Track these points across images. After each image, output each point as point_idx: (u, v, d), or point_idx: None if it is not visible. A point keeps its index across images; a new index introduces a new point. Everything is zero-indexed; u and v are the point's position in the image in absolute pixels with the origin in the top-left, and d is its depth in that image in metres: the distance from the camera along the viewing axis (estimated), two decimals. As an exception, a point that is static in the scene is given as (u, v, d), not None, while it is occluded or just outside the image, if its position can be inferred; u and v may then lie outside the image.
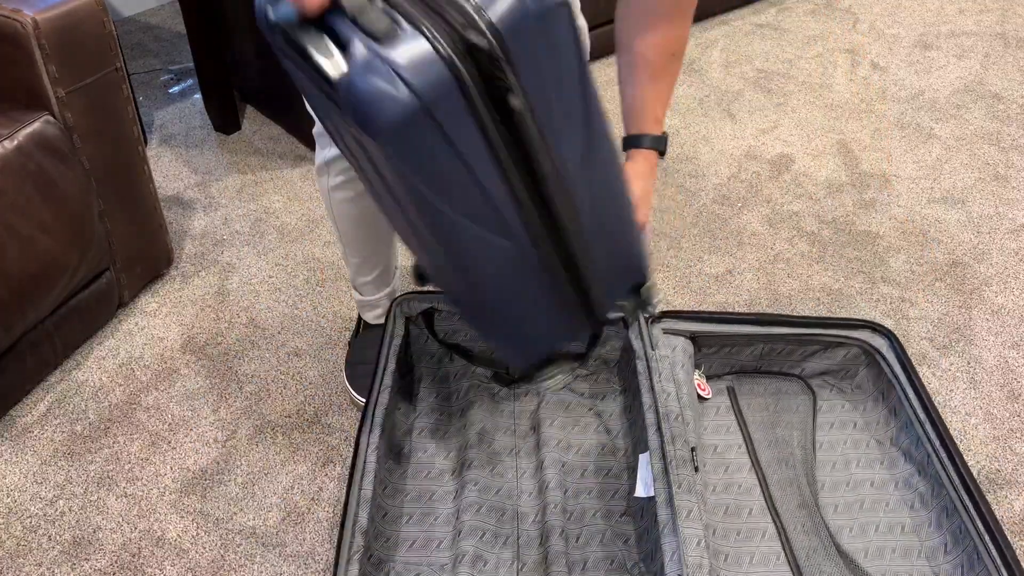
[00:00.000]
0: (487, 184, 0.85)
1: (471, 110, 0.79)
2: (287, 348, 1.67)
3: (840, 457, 1.41)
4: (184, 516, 1.38)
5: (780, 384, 1.52)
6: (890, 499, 1.34)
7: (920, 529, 1.29)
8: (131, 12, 2.95)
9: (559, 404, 1.49)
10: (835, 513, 1.33)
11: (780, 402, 1.49)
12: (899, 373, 1.40)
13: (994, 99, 2.42)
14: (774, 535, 1.30)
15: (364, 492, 1.21)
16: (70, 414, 1.55)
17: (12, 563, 1.32)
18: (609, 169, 0.95)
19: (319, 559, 1.32)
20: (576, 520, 1.31)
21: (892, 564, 1.26)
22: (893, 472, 1.37)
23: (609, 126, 0.93)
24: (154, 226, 1.75)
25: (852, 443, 1.43)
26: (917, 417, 1.34)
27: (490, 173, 0.85)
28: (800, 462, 1.39)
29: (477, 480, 1.35)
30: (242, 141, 2.27)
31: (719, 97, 2.44)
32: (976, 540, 1.19)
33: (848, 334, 1.45)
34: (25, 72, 1.45)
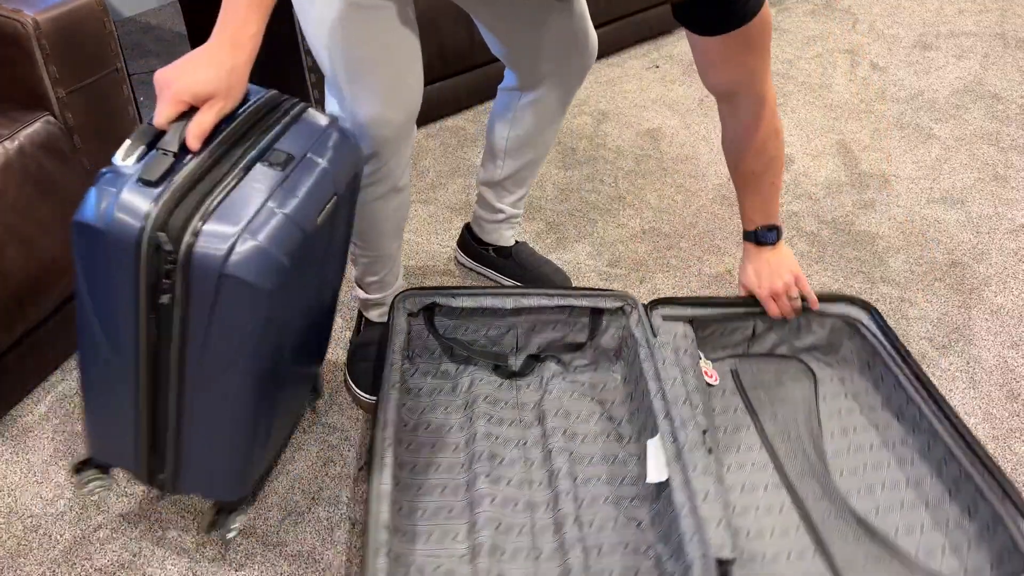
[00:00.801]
0: (120, 312, 1.04)
1: (134, 267, 0.98)
2: (287, 348, 1.67)
3: (837, 426, 1.45)
4: (184, 516, 1.38)
5: (779, 365, 1.55)
6: (890, 459, 1.39)
7: (922, 482, 1.34)
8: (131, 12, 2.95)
9: (562, 394, 1.50)
10: (841, 478, 1.37)
11: (781, 381, 1.53)
12: (882, 340, 1.46)
13: (993, 99, 2.42)
14: (791, 507, 1.33)
15: (384, 488, 1.22)
16: (71, 414, 1.55)
17: (12, 563, 1.32)
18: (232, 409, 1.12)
19: (319, 559, 1.32)
20: (588, 507, 1.32)
21: (903, 518, 1.31)
22: (888, 434, 1.42)
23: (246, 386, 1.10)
24: (154, 226, 1.75)
25: (846, 411, 1.47)
26: (902, 379, 1.40)
27: (127, 312, 1.03)
28: (806, 436, 1.43)
29: (488, 472, 1.35)
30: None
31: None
32: (978, 480, 1.24)
33: (829, 308, 1.50)
34: (25, 72, 1.45)
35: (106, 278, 1.01)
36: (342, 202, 1.13)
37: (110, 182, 0.98)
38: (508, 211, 1.71)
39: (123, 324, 1.05)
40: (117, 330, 1.06)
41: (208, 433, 1.14)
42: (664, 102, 2.42)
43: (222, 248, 0.95)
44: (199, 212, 0.96)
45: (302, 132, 1.10)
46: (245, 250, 0.95)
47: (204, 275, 0.96)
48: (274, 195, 1.00)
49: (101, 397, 1.16)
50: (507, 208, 1.71)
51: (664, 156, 2.21)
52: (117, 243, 0.97)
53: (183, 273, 0.97)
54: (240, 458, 1.19)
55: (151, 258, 0.97)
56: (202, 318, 1.01)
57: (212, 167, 1.00)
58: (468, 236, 1.82)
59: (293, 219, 1.00)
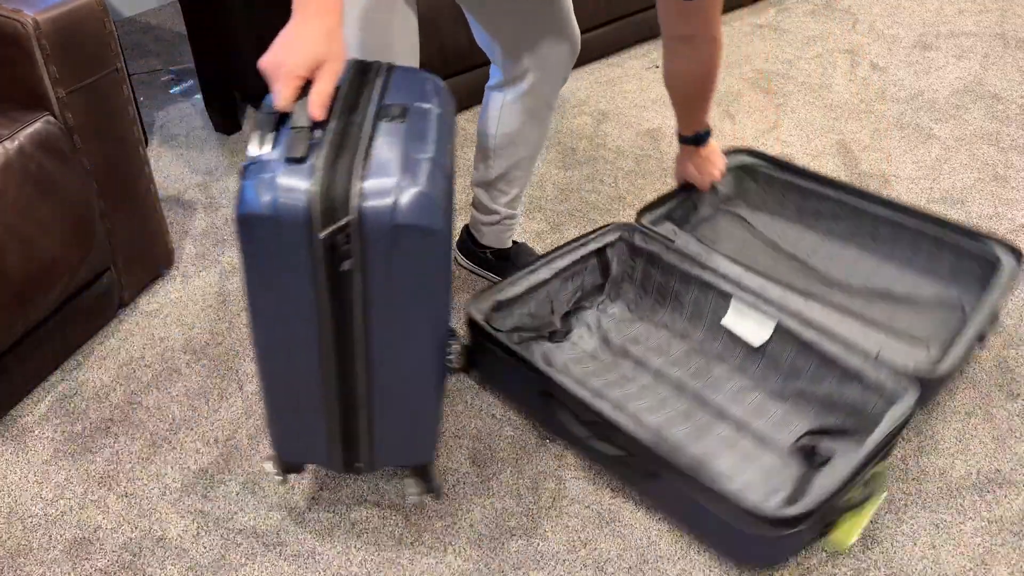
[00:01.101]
0: (297, 298, 1.05)
1: (308, 245, 0.99)
2: (287, 348, 1.67)
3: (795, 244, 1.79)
4: (185, 516, 1.38)
5: (725, 217, 1.86)
6: (839, 247, 1.76)
7: (880, 245, 1.72)
8: (131, 12, 2.95)
9: (620, 327, 1.65)
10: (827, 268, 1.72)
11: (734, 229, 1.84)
12: (775, 170, 1.82)
13: (993, 99, 2.42)
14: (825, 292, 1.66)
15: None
16: (71, 414, 1.55)
17: (12, 563, 1.32)
18: (421, 365, 1.14)
19: (319, 559, 1.32)
20: (716, 388, 1.52)
21: (884, 279, 1.67)
22: (824, 232, 1.78)
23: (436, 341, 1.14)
24: (155, 226, 1.75)
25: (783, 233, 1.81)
26: (805, 185, 1.78)
27: (304, 295, 1.04)
28: (792, 251, 1.77)
29: (627, 404, 1.50)
30: (242, 141, 2.28)
31: (719, 98, 2.44)
32: (910, 224, 1.67)
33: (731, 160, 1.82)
34: (25, 72, 1.45)
35: (281, 265, 1.02)
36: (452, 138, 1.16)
37: (260, 170, 0.99)
38: (503, 211, 1.71)
39: (304, 308, 1.05)
40: (298, 317, 1.06)
41: (400, 399, 1.16)
42: (664, 102, 2.42)
43: (388, 201, 0.97)
44: (355, 174, 0.98)
45: (401, 86, 1.13)
46: (410, 197, 0.98)
47: (379, 230, 0.98)
48: (409, 145, 1.02)
49: (286, 396, 1.17)
50: (502, 209, 1.71)
51: (664, 156, 2.21)
52: (288, 225, 0.98)
53: (359, 234, 0.98)
54: (430, 417, 1.21)
55: (324, 229, 0.98)
56: (383, 276, 1.02)
57: (344, 132, 1.03)
58: (467, 238, 1.82)
59: (436, 161, 1.03)
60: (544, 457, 1.46)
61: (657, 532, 1.35)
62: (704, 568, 1.30)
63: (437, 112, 1.11)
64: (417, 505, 1.38)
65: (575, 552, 1.33)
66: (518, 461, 1.46)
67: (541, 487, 1.42)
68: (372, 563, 1.31)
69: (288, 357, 1.12)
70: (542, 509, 1.39)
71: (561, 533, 1.35)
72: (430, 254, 1.02)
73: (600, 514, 1.38)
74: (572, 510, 1.38)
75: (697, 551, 1.32)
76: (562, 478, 1.43)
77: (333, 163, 0.99)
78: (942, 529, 1.36)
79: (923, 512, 1.38)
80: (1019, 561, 1.31)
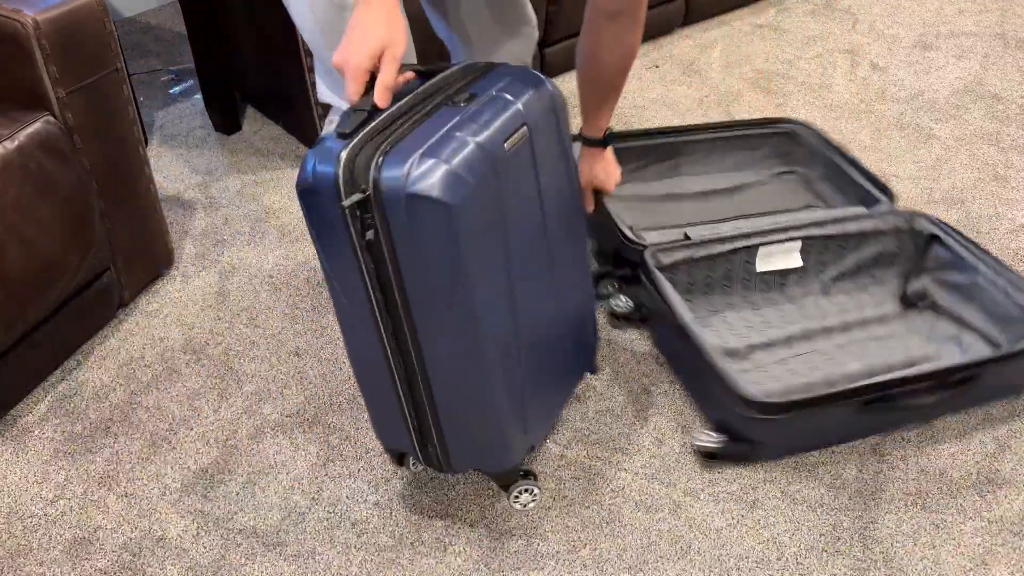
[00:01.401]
0: (347, 268, 1.09)
1: (340, 213, 1.03)
2: (287, 348, 1.67)
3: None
4: (185, 516, 1.38)
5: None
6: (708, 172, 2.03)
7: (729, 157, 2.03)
8: (131, 12, 2.95)
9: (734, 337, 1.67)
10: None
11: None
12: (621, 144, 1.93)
13: (994, 99, 2.42)
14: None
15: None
16: (71, 414, 1.55)
17: (12, 563, 1.32)
18: (469, 357, 1.13)
19: (319, 559, 1.32)
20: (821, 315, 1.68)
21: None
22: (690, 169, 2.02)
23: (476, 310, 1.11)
24: (154, 226, 1.75)
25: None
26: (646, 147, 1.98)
27: (350, 263, 1.08)
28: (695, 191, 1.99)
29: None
30: (242, 141, 2.28)
31: (719, 98, 2.44)
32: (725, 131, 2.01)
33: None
34: (25, 72, 1.45)
35: (328, 233, 1.06)
36: (541, 137, 1.15)
37: (318, 144, 1.04)
38: None
39: (353, 277, 1.09)
40: (351, 287, 1.10)
41: (455, 389, 1.16)
42: (664, 102, 2.42)
43: (402, 170, 0.99)
44: (381, 147, 1.01)
45: (492, 79, 1.15)
46: (424, 168, 0.99)
47: (394, 200, 0.99)
48: (454, 124, 1.04)
49: (364, 372, 1.21)
50: None
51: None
52: (323, 194, 1.02)
53: (377, 204, 1.00)
54: (493, 419, 1.19)
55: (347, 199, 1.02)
56: (407, 248, 1.03)
57: (400, 117, 1.06)
58: None
59: (475, 140, 1.03)
60: (544, 457, 1.46)
61: (657, 532, 1.35)
62: (704, 568, 1.30)
63: (508, 100, 1.10)
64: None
65: (575, 552, 1.33)
66: (518, 461, 1.46)
67: (541, 487, 1.42)
68: (372, 563, 1.31)
69: (355, 328, 1.15)
70: (542, 509, 1.39)
71: (561, 533, 1.35)
72: (447, 227, 1.00)
73: (600, 514, 1.38)
74: (572, 510, 1.38)
75: (697, 551, 1.32)
76: (562, 478, 1.43)
77: (371, 138, 1.02)
78: (942, 529, 1.36)
79: (923, 512, 1.38)
80: (1019, 561, 1.31)
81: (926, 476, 1.43)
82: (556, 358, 1.31)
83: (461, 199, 0.99)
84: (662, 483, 1.42)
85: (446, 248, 1.02)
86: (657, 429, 1.51)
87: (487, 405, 1.17)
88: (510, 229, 1.11)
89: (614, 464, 1.45)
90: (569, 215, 1.27)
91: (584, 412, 1.54)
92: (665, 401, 1.56)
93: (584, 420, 1.52)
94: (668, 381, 1.59)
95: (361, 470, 1.45)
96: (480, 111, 1.07)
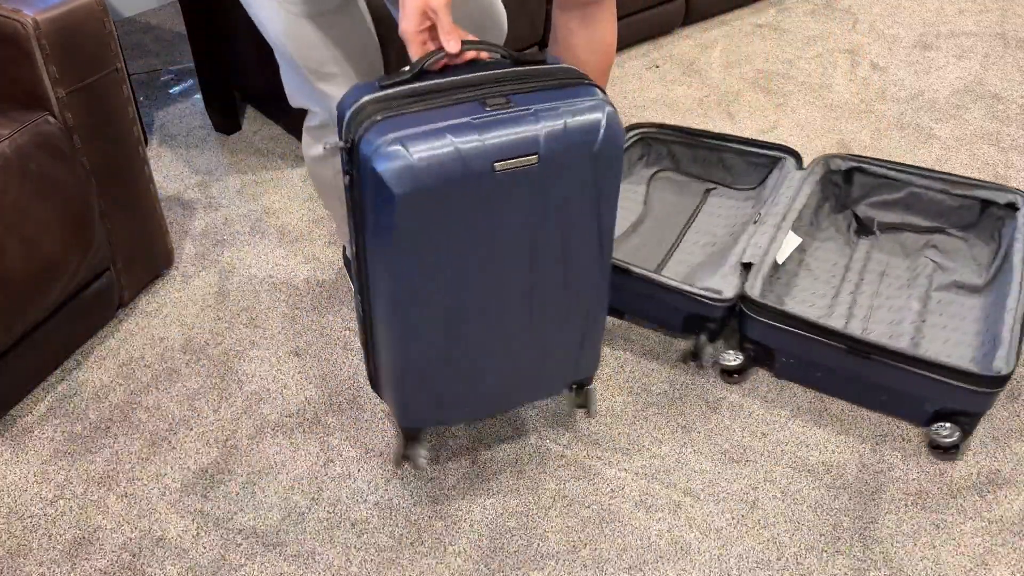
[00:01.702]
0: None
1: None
2: (287, 348, 1.67)
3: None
4: (184, 516, 1.38)
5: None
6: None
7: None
8: (131, 12, 2.95)
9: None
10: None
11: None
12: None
13: (994, 99, 2.42)
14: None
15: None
16: (70, 414, 1.55)
17: (12, 563, 1.32)
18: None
19: (319, 559, 1.32)
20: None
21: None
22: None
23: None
24: (154, 226, 1.75)
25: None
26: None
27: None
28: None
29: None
30: (242, 141, 2.28)
31: (719, 97, 2.44)
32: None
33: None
34: (25, 72, 1.45)
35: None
36: (559, 179, 1.11)
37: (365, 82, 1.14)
38: None
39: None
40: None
41: (381, 336, 1.21)
42: (664, 102, 2.42)
43: (374, 144, 1.04)
44: (380, 113, 1.05)
45: (552, 95, 1.10)
46: (389, 151, 1.03)
47: (363, 163, 1.05)
48: (458, 123, 1.05)
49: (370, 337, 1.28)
50: None
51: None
52: (338, 123, 1.13)
53: (353, 158, 1.07)
54: (398, 378, 1.23)
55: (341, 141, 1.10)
56: (365, 205, 1.09)
57: (428, 93, 1.09)
58: None
59: (459, 146, 1.04)
60: (544, 457, 1.47)
61: (657, 532, 1.35)
62: (704, 568, 1.30)
63: (534, 130, 1.07)
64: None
65: (575, 552, 1.33)
66: (518, 461, 1.46)
67: (541, 487, 1.42)
68: (372, 563, 1.31)
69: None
70: (542, 509, 1.39)
71: (561, 533, 1.35)
72: (390, 208, 1.05)
73: (600, 514, 1.38)
74: (572, 510, 1.38)
75: (697, 551, 1.32)
76: (562, 478, 1.43)
77: (387, 100, 1.08)
78: (942, 529, 1.36)
79: (923, 512, 1.38)
80: (1019, 561, 1.31)
81: (926, 476, 1.43)
82: (506, 377, 1.31)
83: (408, 191, 1.03)
84: (662, 483, 1.42)
85: (388, 224, 1.07)
86: (657, 429, 1.51)
87: (392, 367, 1.23)
88: (476, 246, 1.12)
89: (614, 464, 1.45)
90: (579, 279, 1.23)
91: (584, 412, 1.54)
92: (665, 401, 1.56)
93: (584, 420, 1.52)
94: (667, 381, 1.59)
95: (361, 470, 1.45)
96: (495, 122, 1.06)
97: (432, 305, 1.16)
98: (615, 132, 1.10)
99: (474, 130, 1.04)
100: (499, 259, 1.14)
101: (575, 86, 1.12)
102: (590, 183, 1.13)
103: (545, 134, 1.07)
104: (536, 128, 1.06)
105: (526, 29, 2.29)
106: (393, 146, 1.02)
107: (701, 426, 1.51)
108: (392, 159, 1.02)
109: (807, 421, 1.52)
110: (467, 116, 1.05)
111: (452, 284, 1.14)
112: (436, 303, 1.15)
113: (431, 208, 1.06)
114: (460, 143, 1.03)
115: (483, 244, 1.12)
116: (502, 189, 1.07)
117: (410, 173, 1.02)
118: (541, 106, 1.07)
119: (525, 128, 1.06)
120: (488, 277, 1.15)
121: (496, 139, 1.05)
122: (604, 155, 1.11)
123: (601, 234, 1.19)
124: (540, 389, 1.37)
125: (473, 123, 1.04)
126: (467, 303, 1.17)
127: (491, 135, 1.05)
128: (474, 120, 1.05)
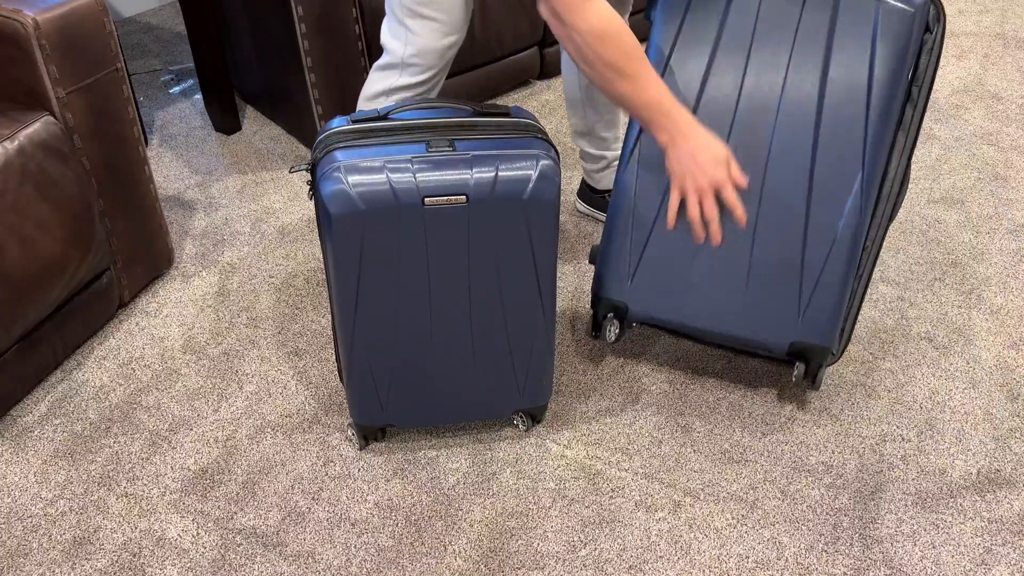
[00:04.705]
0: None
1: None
2: (287, 348, 1.67)
3: None
4: (184, 516, 1.38)
5: None
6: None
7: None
8: (131, 12, 2.95)
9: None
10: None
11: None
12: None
13: (994, 99, 2.42)
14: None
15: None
16: (70, 414, 1.55)
17: (12, 563, 1.32)
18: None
19: (319, 559, 1.32)
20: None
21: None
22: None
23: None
24: (154, 226, 1.75)
25: None
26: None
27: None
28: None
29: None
30: (242, 141, 2.28)
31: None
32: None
33: None
34: (25, 72, 1.45)
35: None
36: (488, 223, 1.23)
37: (354, 113, 1.31)
38: (609, 155, 1.85)
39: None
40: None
41: (340, 344, 1.36)
42: (664, 102, 2.42)
43: (325, 168, 1.20)
44: (341, 142, 1.23)
45: (499, 145, 1.24)
46: (333, 176, 1.19)
47: (317, 182, 1.22)
48: (399, 160, 1.20)
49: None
50: (607, 154, 1.84)
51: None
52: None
53: (313, 177, 1.23)
54: (349, 375, 1.38)
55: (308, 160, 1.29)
56: (320, 219, 1.26)
57: (391, 131, 1.24)
58: (585, 187, 1.96)
59: (393, 180, 1.19)
60: (544, 457, 1.47)
61: (657, 532, 1.35)
62: (704, 568, 1.30)
63: (464, 176, 1.20)
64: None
65: (575, 552, 1.33)
66: (518, 461, 1.46)
67: (541, 487, 1.42)
68: (372, 563, 1.31)
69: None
70: (542, 509, 1.39)
71: (561, 533, 1.35)
72: (332, 231, 1.21)
73: (600, 514, 1.38)
74: (572, 510, 1.38)
75: (697, 551, 1.32)
76: (562, 478, 1.43)
77: (354, 135, 1.25)
78: (942, 529, 1.36)
79: (923, 512, 1.38)
80: (1019, 561, 1.31)
81: (926, 476, 1.43)
82: (450, 394, 1.42)
83: (343, 213, 1.19)
84: (662, 483, 1.42)
85: (329, 240, 1.23)
86: (657, 429, 1.51)
87: (346, 364, 1.36)
88: (412, 270, 1.26)
89: (614, 464, 1.45)
90: (516, 315, 1.34)
91: (584, 412, 1.54)
92: (665, 401, 1.56)
93: (584, 420, 1.52)
94: (668, 381, 1.60)
95: (361, 470, 1.45)
96: (434, 162, 1.20)
97: (374, 315, 1.30)
98: (547, 184, 1.22)
99: (409, 168, 1.19)
100: (436, 287, 1.28)
101: (522, 138, 1.24)
102: (523, 228, 1.25)
103: (476, 179, 1.20)
104: (468, 173, 1.20)
105: (526, 29, 2.29)
106: (336, 173, 1.19)
107: (701, 426, 1.51)
108: (334, 183, 1.19)
109: (807, 421, 1.52)
110: (409, 155, 1.20)
111: (390, 299, 1.28)
112: (377, 314, 1.30)
113: (365, 230, 1.21)
114: (394, 178, 1.19)
115: (417, 268, 1.26)
116: (434, 222, 1.22)
117: (345, 197, 1.18)
118: (480, 153, 1.21)
119: (458, 172, 1.20)
120: (424, 299, 1.29)
121: (427, 178, 1.19)
122: (534, 204, 1.23)
123: (539, 276, 1.30)
124: (486, 410, 1.46)
125: (412, 161, 1.19)
126: (404, 319, 1.31)
127: (424, 175, 1.19)
128: (414, 159, 1.20)
